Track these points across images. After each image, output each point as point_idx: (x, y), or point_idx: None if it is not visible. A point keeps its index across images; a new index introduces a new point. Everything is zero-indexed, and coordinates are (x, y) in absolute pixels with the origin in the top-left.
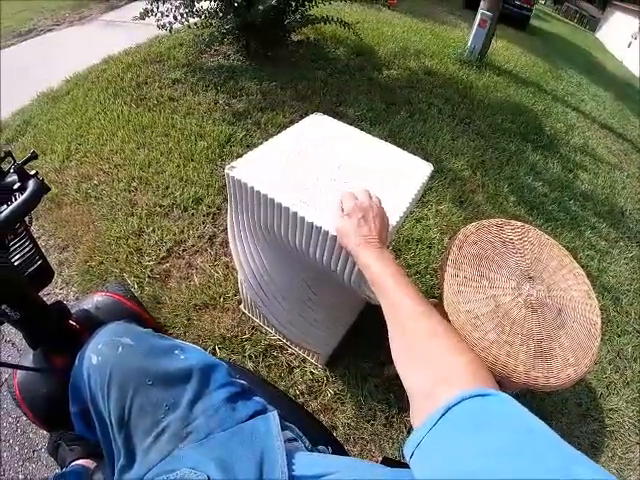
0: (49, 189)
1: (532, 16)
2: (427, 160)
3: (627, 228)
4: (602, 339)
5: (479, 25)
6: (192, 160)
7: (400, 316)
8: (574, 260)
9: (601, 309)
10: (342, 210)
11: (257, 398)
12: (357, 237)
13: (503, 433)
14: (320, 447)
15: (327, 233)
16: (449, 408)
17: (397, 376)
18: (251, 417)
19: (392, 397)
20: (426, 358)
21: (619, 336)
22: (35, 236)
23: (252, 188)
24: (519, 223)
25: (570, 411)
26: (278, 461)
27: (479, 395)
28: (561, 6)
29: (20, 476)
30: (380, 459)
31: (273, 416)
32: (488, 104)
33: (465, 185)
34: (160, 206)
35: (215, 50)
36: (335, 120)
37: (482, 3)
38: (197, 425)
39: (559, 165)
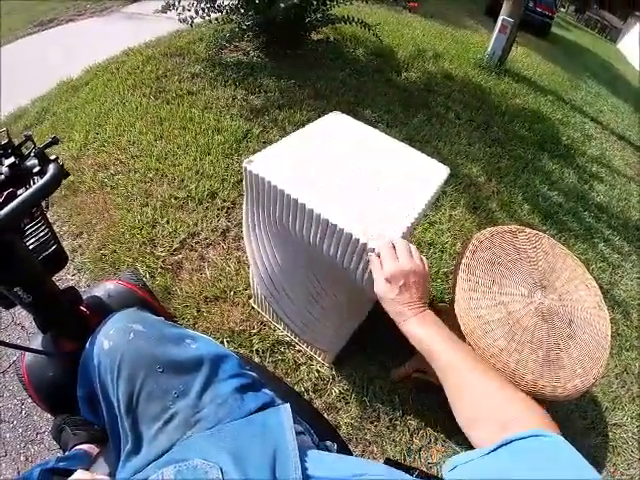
0: (68, 174)
1: (553, 24)
2: (443, 164)
3: None
4: (610, 353)
5: (500, 31)
6: (209, 154)
7: (459, 382)
8: (587, 271)
9: (610, 322)
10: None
11: (266, 390)
12: (398, 305)
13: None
14: (327, 443)
15: (342, 231)
16: (506, 443)
17: (403, 379)
18: (260, 409)
19: (397, 400)
20: (491, 414)
21: (627, 350)
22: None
23: (269, 183)
24: (533, 231)
25: (574, 424)
26: (291, 458)
27: (538, 435)
28: (583, 15)
29: (22, 457)
30: (382, 461)
31: (284, 409)
32: (506, 110)
33: (480, 191)
34: (175, 198)
35: (235, 46)
36: (354, 120)
37: (503, 9)
38: (206, 414)
39: (575, 175)
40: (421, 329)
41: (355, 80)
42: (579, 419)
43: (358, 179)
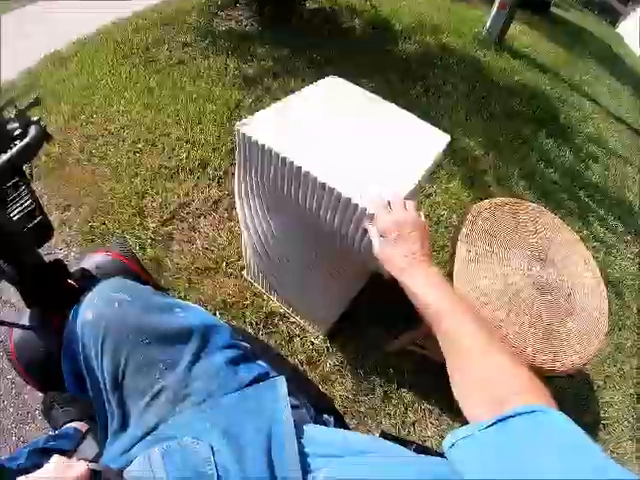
0: (51, 136)
1: (553, 4)
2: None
3: (635, 223)
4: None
5: (499, 7)
6: (199, 123)
7: (463, 351)
8: (585, 247)
9: None
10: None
11: (260, 362)
12: (397, 260)
13: (557, 447)
14: (324, 417)
15: (339, 195)
16: (506, 417)
17: (398, 352)
18: (254, 381)
19: (392, 372)
20: (492, 389)
21: (620, 330)
22: (37, 195)
23: (263, 146)
24: (533, 204)
25: (566, 400)
26: (287, 435)
27: (540, 411)
28: None
29: (14, 437)
30: (378, 433)
31: (280, 382)
32: (504, 86)
33: (476, 165)
34: (165, 168)
35: (227, 15)
36: (351, 84)
37: None
38: (196, 387)
39: (572, 154)
40: (424, 286)
41: (351, 50)
42: (572, 396)
43: (356, 143)
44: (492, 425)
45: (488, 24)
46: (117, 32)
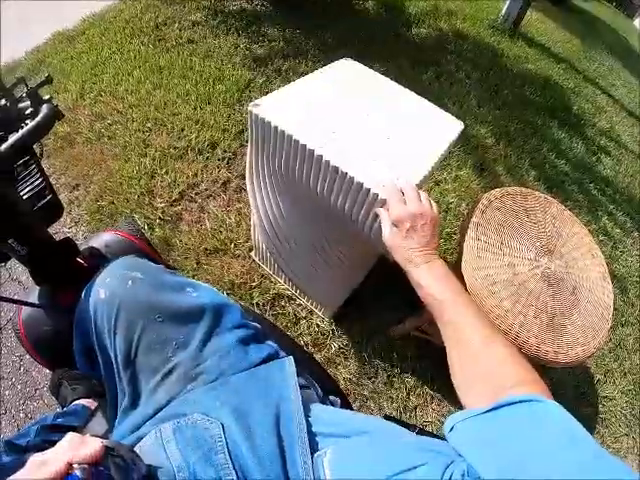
0: (63, 115)
1: None
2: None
3: None
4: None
5: None
6: (209, 103)
7: (463, 342)
8: (593, 240)
9: None
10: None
11: (270, 342)
12: (405, 251)
13: (554, 434)
14: (331, 397)
15: (352, 180)
16: (503, 405)
17: (402, 337)
18: (263, 361)
19: (395, 357)
20: (490, 381)
21: (623, 326)
22: (45, 171)
23: (276, 128)
24: (543, 195)
25: (567, 392)
26: (295, 413)
27: (536, 400)
28: None
29: (21, 414)
30: (381, 417)
31: (289, 362)
32: (517, 74)
33: (487, 153)
34: (174, 148)
35: None
36: (366, 67)
37: None
38: (207, 366)
39: (583, 146)
40: (429, 278)
41: (363, 33)
42: (572, 388)
43: (369, 127)
44: (490, 410)
45: (504, 11)
46: (126, 10)
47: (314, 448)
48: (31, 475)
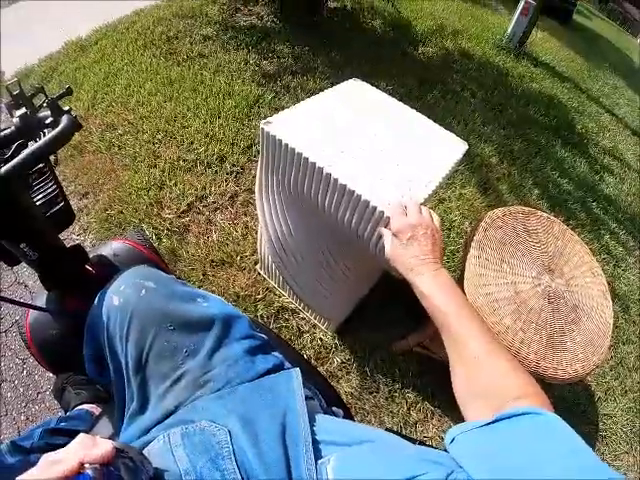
0: (81, 126)
1: (575, 11)
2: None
3: None
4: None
5: (521, 12)
6: (219, 117)
7: (467, 355)
8: (594, 259)
9: None
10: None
11: (276, 354)
12: (407, 259)
13: (554, 445)
14: (334, 409)
15: (359, 198)
16: (504, 417)
17: (404, 353)
18: (269, 371)
19: (397, 372)
20: (493, 394)
21: (624, 344)
22: (58, 179)
23: (287, 145)
24: (545, 214)
25: (566, 410)
26: (301, 423)
27: (533, 413)
28: (606, 5)
29: (22, 417)
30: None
31: (295, 373)
32: (522, 94)
33: (491, 172)
34: (184, 160)
35: (249, 10)
36: (374, 88)
37: None
38: (215, 374)
39: (587, 165)
40: (432, 287)
41: (370, 51)
42: (572, 405)
43: (376, 147)
44: (491, 423)
45: (509, 30)
46: (139, 22)
47: (318, 455)
48: (44, 473)
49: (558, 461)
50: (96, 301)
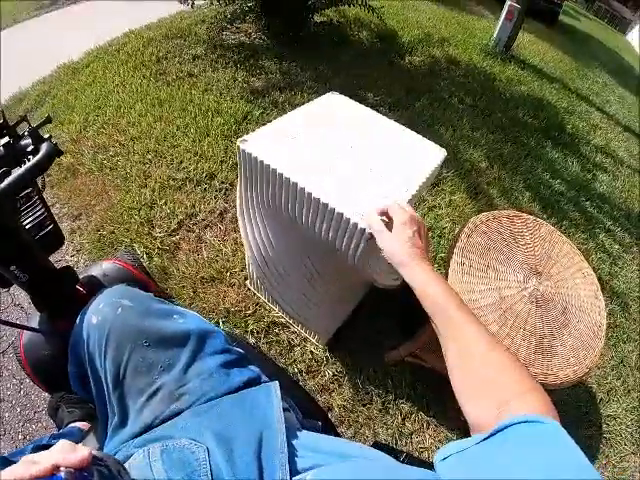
0: (62, 152)
1: (561, 12)
2: (445, 149)
3: None
4: (607, 344)
5: (506, 17)
6: (208, 136)
7: (467, 345)
8: (585, 260)
9: (608, 314)
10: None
11: (252, 367)
12: (412, 249)
13: (540, 462)
14: (312, 421)
15: (333, 211)
16: (499, 430)
17: (396, 363)
18: (246, 385)
19: (390, 383)
20: (492, 390)
21: (624, 343)
22: (49, 204)
23: (262, 162)
24: (531, 217)
25: (568, 413)
26: (278, 438)
27: (531, 421)
28: (592, 4)
29: (20, 436)
30: (371, 443)
31: (274, 387)
32: (510, 97)
33: (481, 177)
34: (173, 179)
35: (237, 28)
36: (350, 100)
37: None
38: (190, 388)
39: (578, 164)
40: (430, 277)
41: (357, 63)
42: (574, 409)
43: (352, 159)
44: (488, 438)
45: (495, 34)
46: (129, 44)
47: (295, 471)
48: (20, 471)
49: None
50: (77, 320)
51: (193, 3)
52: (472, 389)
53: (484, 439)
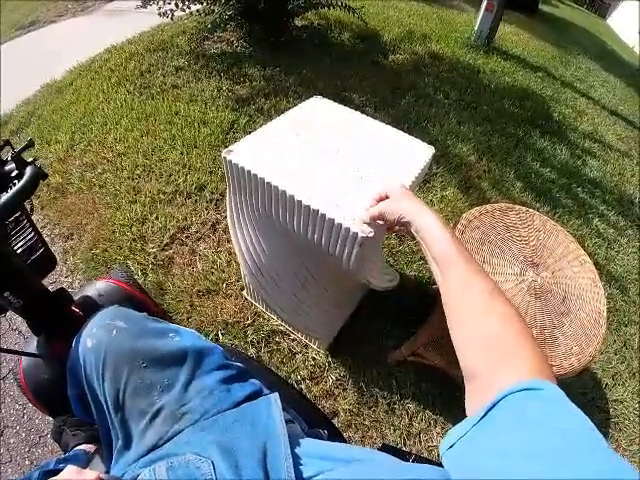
0: (46, 175)
1: (541, 1)
2: (433, 145)
3: (636, 216)
4: (609, 329)
5: (486, 9)
6: (195, 147)
7: (474, 292)
8: (581, 247)
9: (608, 298)
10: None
11: (253, 381)
12: (417, 200)
13: (539, 434)
14: (317, 430)
15: (324, 216)
16: (495, 404)
17: (399, 363)
18: (248, 399)
19: (394, 384)
20: (490, 340)
21: (626, 326)
22: (40, 225)
23: (249, 172)
24: (524, 208)
25: (574, 400)
26: (282, 449)
27: (528, 389)
28: None
29: (27, 462)
30: (379, 446)
31: (275, 399)
32: (495, 89)
33: (471, 171)
34: (163, 193)
35: (218, 37)
36: (335, 103)
37: None
38: (192, 406)
39: (567, 151)
40: (439, 222)
41: (341, 65)
42: (579, 396)
43: (340, 163)
44: (485, 415)
45: (476, 27)
46: (112, 59)
47: (301, 479)
48: None
49: (549, 451)
50: (73, 344)
51: (172, 15)
52: (471, 341)
53: (482, 417)
